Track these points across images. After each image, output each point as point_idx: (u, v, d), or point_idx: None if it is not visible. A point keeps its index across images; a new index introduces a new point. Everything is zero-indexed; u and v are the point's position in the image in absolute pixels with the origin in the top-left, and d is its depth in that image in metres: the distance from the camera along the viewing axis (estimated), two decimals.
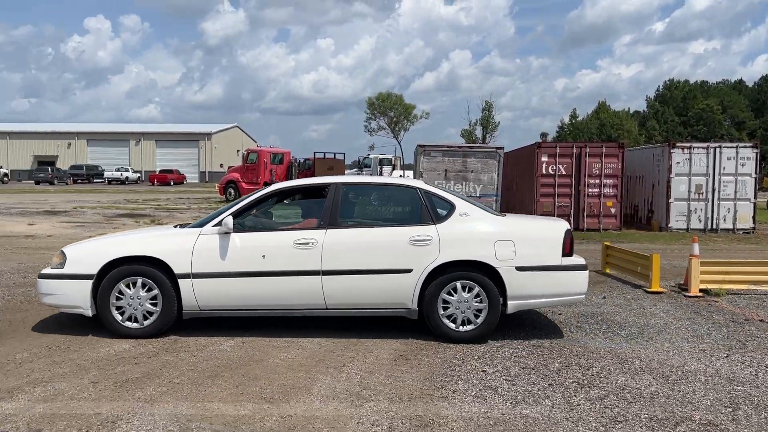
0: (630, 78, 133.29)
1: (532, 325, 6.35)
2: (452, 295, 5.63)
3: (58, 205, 24.44)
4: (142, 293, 5.64)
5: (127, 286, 5.65)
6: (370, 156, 37.19)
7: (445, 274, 5.62)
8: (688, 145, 17.07)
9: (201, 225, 5.86)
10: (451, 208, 5.82)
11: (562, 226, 5.91)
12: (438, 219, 5.75)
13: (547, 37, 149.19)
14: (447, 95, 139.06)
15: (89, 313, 5.67)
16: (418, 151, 17.37)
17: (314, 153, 32.04)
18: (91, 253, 5.79)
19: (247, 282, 5.65)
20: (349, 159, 36.84)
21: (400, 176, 21.80)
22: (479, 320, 5.64)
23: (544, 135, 76.96)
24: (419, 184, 6.13)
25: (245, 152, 31.96)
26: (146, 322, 5.67)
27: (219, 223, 5.72)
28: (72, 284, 5.66)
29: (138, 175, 63.83)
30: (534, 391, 4.41)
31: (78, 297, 5.65)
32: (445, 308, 5.66)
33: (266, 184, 29.61)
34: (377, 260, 5.62)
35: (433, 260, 5.59)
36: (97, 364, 4.91)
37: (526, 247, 5.65)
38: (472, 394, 4.34)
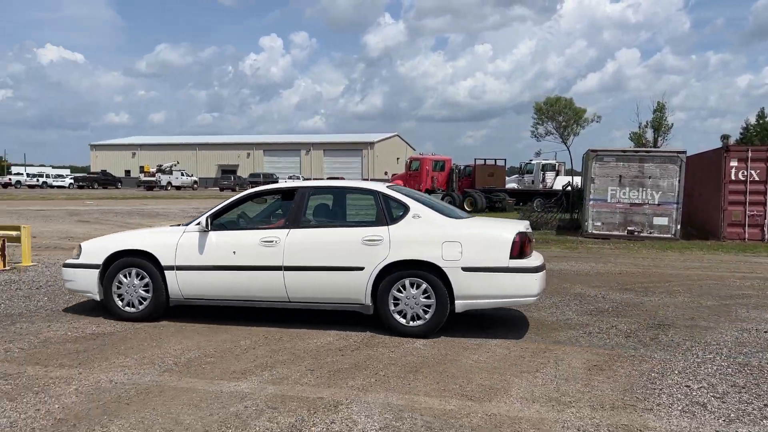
0: None
1: (736, 341, 5.96)
2: (402, 292, 5.97)
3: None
4: (137, 282, 6.53)
5: (125, 275, 6.56)
6: (532, 162, 36.42)
7: (395, 272, 5.96)
8: None
9: (188, 224, 6.63)
10: (405, 210, 6.17)
11: (514, 228, 6.01)
12: (392, 221, 6.11)
13: (727, 30, 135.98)
14: (612, 96, 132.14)
15: (98, 297, 6.64)
16: (589, 156, 16.81)
17: (474, 159, 32.14)
18: (98, 247, 6.77)
19: (220, 275, 6.35)
20: (508, 165, 36.31)
21: (567, 183, 21.15)
22: (427, 317, 5.94)
23: (725, 137, 70.24)
24: (379, 187, 6.48)
25: (408, 160, 32.85)
26: (140, 307, 6.54)
27: (199, 222, 6.45)
28: (85, 272, 6.68)
29: (309, 180, 67.91)
30: (749, 411, 4.18)
31: (89, 283, 6.66)
32: (395, 304, 6.00)
33: (428, 192, 30.34)
34: (333, 258, 6.09)
35: (383, 259, 5.96)
36: (309, 353, 5.45)
37: (472, 248, 5.87)
38: (679, 408, 4.22)
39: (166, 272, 6.47)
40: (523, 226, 6.17)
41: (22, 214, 22.14)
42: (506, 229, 6.04)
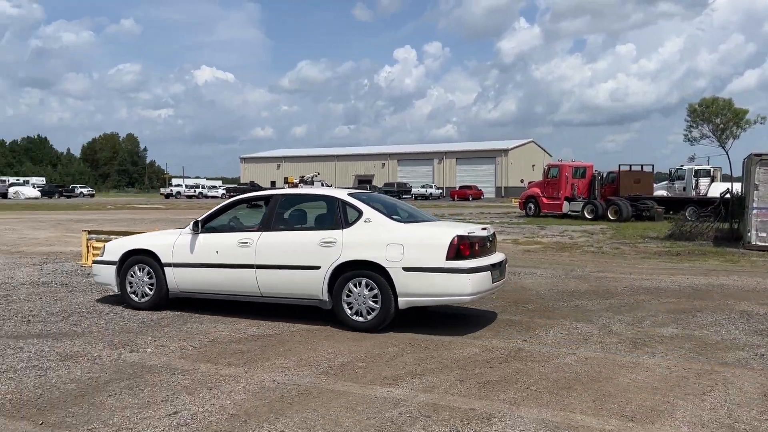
0: None
1: None
2: (354, 290, 6.51)
3: None
4: (144, 276, 7.57)
5: (134, 271, 7.61)
6: (683, 167, 33.87)
7: (347, 271, 6.52)
8: None
9: (184, 227, 7.53)
10: (359, 215, 6.71)
11: (452, 232, 6.39)
12: (346, 224, 6.71)
13: None
14: None
15: (116, 289, 7.77)
16: (752, 160, 15.37)
17: (619, 165, 30.46)
18: (116, 246, 7.91)
19: (206, 271, 7.25)
20: (656, 170, 33.99)
21: (726, 190, 19.41)
22: (374, 312, 6.45)
23: None
24: (340, 195, 7.06)
25: (546, 167, 31.91)
26: (145, 299, 7.56)
27: (191, 226, 7.36)
28: (107, 268, 7.82)
29: (440, 191, 68.32)
30: None
31: (110, 277, 7.79)
32: (348, 301, 6.56)
33: (567, 200, 29.23)
34: (294, 258, 6.77)
35: (336, 259, 6.55)
36: (457, 363, 5.48)
37: (413, 250, 6.34)
38: None
39: (165, 269, 7.46)
40: (465, 229, 6.57)
41: (184, 222, 24.24)
42: (446, 232, 6.45)
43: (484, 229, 6.87)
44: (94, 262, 8.27)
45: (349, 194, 7.13)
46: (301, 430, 3.99)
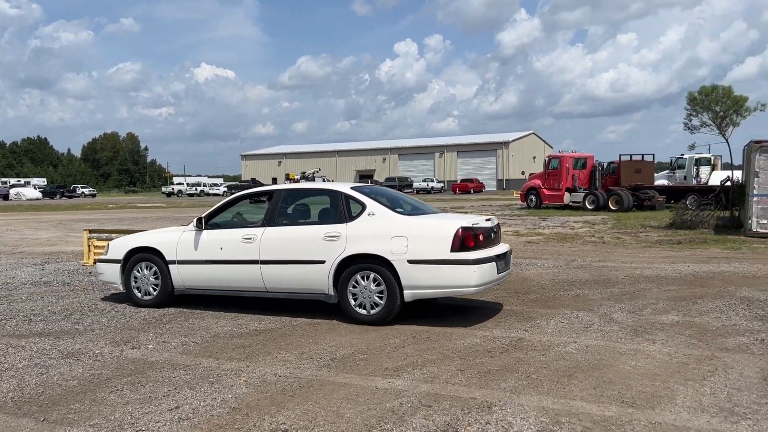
0: None
1: None
2: (360, 283, 6.49)
3: None
4: (148, 274, 7.57)
5: (139, 269, 7.60)
6: (684, 156, 33.79)
7: (352, 265, 6.51)
8: None
9: (188, 224, 7.54)
10: (362, 208, 6.69)
11: (457, 223, 6.35)
12: (350, 218, 6.67)
13: None
14: None
15: (121, 288, 7.74)
16: (752, 148, 15.33)
17: (619, 156, 30.36)
18: (120, 244, 7.86)
19: (210, 268, 7.23)
20: (656, 160, 33.89)
21: (727, 178, 19.38)
22: (380, 306, 6.43)
23: None
24: (343, 188, 7.01)
25: (546, 158, 31.84)
26: (150, 297, 7.56)
27: (195, 223, 7.35)
28: (111, 267, 7.79)
29: (441, 184, 68.30)
30: None
31: (114, 276, 7.77)
32: (353, 294, 6.54)
33: (568, 191, 29.18)
34: (299, 252, 6.75)
35: (341, 253, 6.53)
36: (458, 353, 5.49)
37: (417, 242, 6.32)
38: None
39: (169, 266, 7.44)
40: (469, 221, 6.48)
41: (186, 220, 24.28)
42: (450, 224, 6.42)
43: (488, 220, 6.82)
44: (98, 260, 8.27)
45: (352, 188, 7.11)
46: (302, 422, 4.01)
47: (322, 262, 6.64)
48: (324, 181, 64.51)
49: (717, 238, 14.89)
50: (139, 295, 7.68)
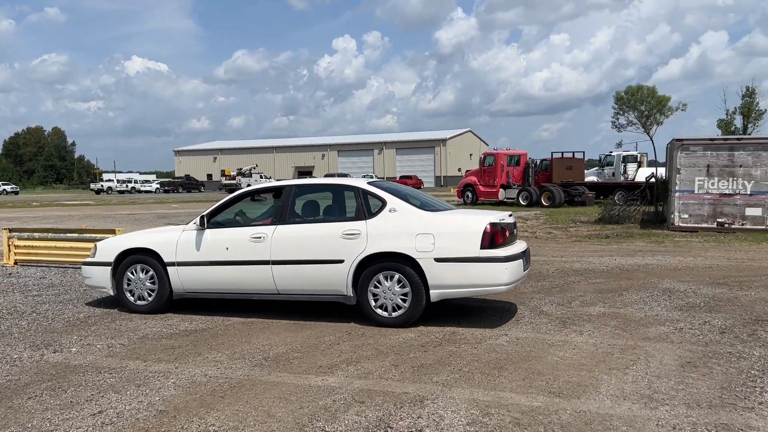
0: None
1: None
2: (382, 284, 6.17)
3: None
4: (143, 277, 7.02)
5: (133, 271, 7.04)
6: (612, 153, 35.15)
7: (373, 264, 6.17)
8: None
9: (187, 223, 7.06)
10: (382, 205, 6.36)
11: (485, 219, 6.11)
12: (369, 215, 6.33)
13: None
14: (696, 84, 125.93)
15: (112, 292, 7.16)
16: (674, 145, 16.09)
17: (551, 153, 31.32)
18: (111, 246, 7.28)
19: (215, 269, 6.76)
20: (587, 157, 35.15)
21: (651, 175, 20.29)
22: (404, 307, 6.12)
23: None
24: (359, 184, 6.70)
25: (482, 155, 32.45)
26: (145, 301, 7.03)
27: (196, 221, 6.87)
28: (100, 270, 7.22)
29: (381, 180, 68.38)
30: None
31: (104, 280, 7.19)
32: (375, 296, 6.21)
33: (503, 187, 29.86)
34: (315, 252, 6.37)
35: (361, 252, 6.19)
36: (392, 349, 5.51)
37: (444, 240, 6.02)
38: None
39: (168, 268, 6.94)
40: (496, 217, 6.25)
41: (116, 218, 23.47)
42: (478, 220, 6.17)
43: (510, 216, 6.61)
44: (84, 263, 7.50)
45: (369, 183, 6.81)
46: (232, 423, 3.93)
47: (341, 261, 6.29)
48: (261, 177, 63.60)
49: (642, 232, 15.55)
50: (132, 299, 7.11)
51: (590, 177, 33.62)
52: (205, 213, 6.95)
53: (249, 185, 64.41)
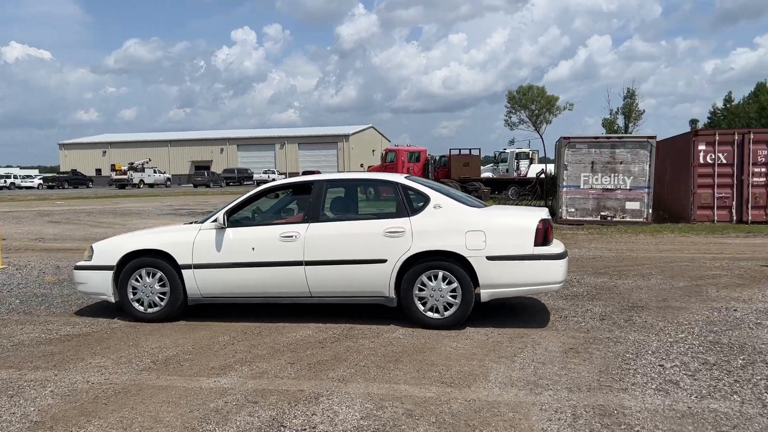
0: None
1: (707, 321, 6.11)
2: (428, 284, 5.90)
3: (218, 205, 26.61)
4: (150, 281, 6.36)
5: (139, 276, 6.37)
6: (506, 151, 36.66)
7: (418, 263, 5.89)
8: None
9: (203, 221, 6.47)
10: (425, 201, 6.08)
11: (537, 215, 5.97)
12: (413, 211, 6.03)
13: (695, 16, 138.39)
14: (584, 84, 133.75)
15: (113, 299, 6.44)
16: (561, 143, 16.99)
17: (449, 150, 32.22)
18: (112, 247, 6.56)
19: (240, 272, 6.21)
20: (483, 154, 36.49)
21: (541, 171, 21.37)
22: (453, 308, 5.88)
23: (694, 122, 71.05)
24: (398, 178, 6.40)
25: (384, 152, 32.88)
26: (156, 308, 6.37)
27: (216, 219, 6.29)
28: (98, 275, 6.47)
29: (283, 176, 67.57)
30: (719, 387, 4.30)
31: (103, 285, 6.44)
32: (420, 296, 5.93)
33: None
34: (354, 251, 6.00)
35: (406, 251, 5.88)
36: (289, 347, 5.44)
37: (496, 237, 5.81)
38: (653, 387, 4.32)
39: (183, 271, 6.31)
40: (545, 213, 6.13)
41: None
42: (529, 216, 6.01)
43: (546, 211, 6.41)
44: (78, 267, 6.69)
45: (406, 178, 6.51)
46: (116, 431, 3.73)
47: (383, 261, 5.94)
48: (156, 172, 60.95)
49: None
50: (141, 308, 6.42)
51: (486, 173, 34.88)
52: (225, 210, 6.37)
53: (142, 180, 60.98)
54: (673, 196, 18.24)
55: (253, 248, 6.19)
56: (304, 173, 34.24)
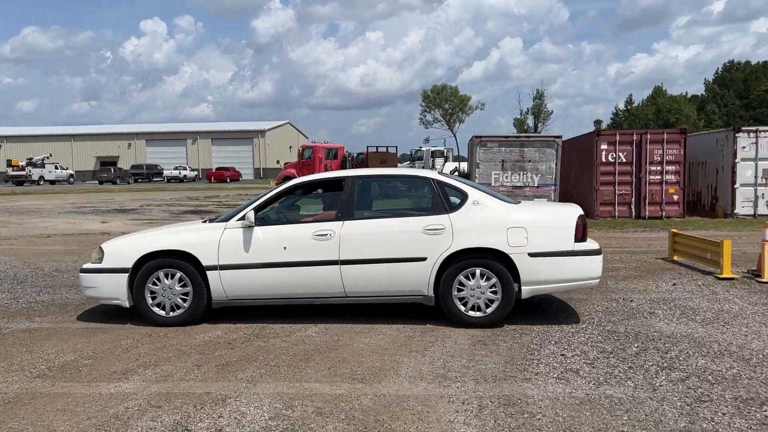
0: (687, 61, 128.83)
1: (606, 311, 6.44)
2: (467, 282, 5.83)
3: (125, 203, 25.53)
4: (173, 283, 6.00)
5: (159, 278, 6.00)
6: (422, 149, 37.28)
7: (459, 261, 5.82)
8: (754, 129, 16.59)
9: (226, 219, 6.16)
10: (463, 197, 6.00)
11: (575, 212, 6.00)
12: (451, 208, 5.94)
13: (600, 21, 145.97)
14: (496, 85, 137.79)
15: (127, 304, 6.05)
16: (474, 142, 17.44)
17: (367, 147, 32.40)
18: (126, 248, 6.16)
19: (270, 272, 5.95)
20: (400, 152, 36.95)
21: (454, 169, 21.86)
22: (494, 305, 5.83)
23: (598, 122, 75.30)
24: (432, 174, 6.33)
25: (300, 148, 32.60)
26: (179, 311, 6.03)
27: (243, 218, 6.00)
28: (110, 277, 6.04)
29: (195, 173, 65.65)
30: (615, 373, 4.54)
31: (115, 289, 6.03)
32: (460, 294, 5.85)
33: None
34: (393, 249, 5.87)
35: (447, 248, 5.79)
36: (196, 349, 5.28)
37: (538, 233, 5.81)
38: (555, 376, 4.51)
39: (208, 273, 5.97)
40: (579, 209, 6.15)
41: None
42: (568, 213, 6.03)
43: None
44: (85, 270, 6.17)
45: (440, 174, 6.22)
46: None
47: (423, 259, 5.79)
48: (57, 168, 57.62)
49: None
50: (162, 313, 6.00)
51: None
52: (252, 207, 6.05)
53: (42, 177, 57.41)
54: (578, 192, 19.12)
55: (285, 247, 5.92)
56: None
